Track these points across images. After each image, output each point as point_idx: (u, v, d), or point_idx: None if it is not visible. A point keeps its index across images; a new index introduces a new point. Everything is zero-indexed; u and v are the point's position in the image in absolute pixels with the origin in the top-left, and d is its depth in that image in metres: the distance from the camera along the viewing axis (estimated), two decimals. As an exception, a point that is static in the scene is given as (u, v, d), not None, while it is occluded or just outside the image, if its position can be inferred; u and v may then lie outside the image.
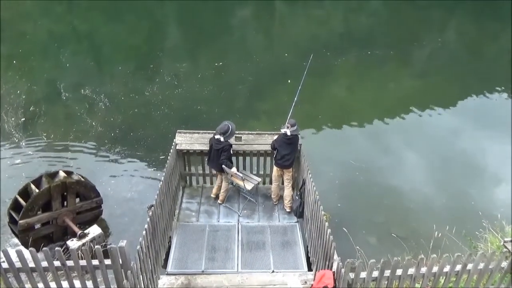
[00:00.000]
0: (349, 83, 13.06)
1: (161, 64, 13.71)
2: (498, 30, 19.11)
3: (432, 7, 23.39)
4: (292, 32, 18.65)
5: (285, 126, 6.47)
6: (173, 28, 19.02)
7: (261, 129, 9.04)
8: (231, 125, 6.51)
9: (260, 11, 22.68)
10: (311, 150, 8.08)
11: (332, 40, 17.04)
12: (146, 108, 10.80)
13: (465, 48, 16.88)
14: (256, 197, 7.24)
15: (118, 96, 11.43)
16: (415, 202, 8.00)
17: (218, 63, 13.49)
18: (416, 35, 17.75)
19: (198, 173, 7.49)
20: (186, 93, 11.59)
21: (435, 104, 11.54)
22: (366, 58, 14.37)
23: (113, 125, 10.08)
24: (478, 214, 6.95)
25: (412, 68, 14.49)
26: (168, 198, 6.18)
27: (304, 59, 13.01)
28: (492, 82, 13.03)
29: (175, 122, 9.94)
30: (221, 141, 6.43)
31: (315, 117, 10.50)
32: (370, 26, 20.19)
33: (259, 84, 12.27)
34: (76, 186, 6.62)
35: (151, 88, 11.80)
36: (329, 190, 7.89)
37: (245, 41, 17.24)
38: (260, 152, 7.13)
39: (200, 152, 7.09)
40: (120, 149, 9.21)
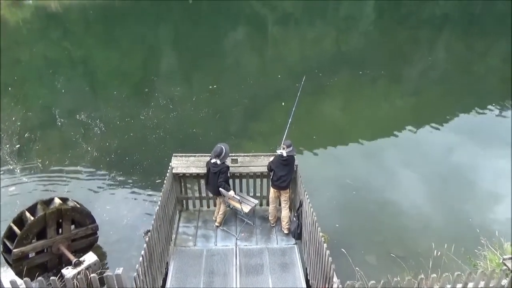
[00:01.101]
0: (342, 103, 13.22)
1: (156, 88, 13.82)
2: (485, 47, 19.57)
3: (420, 27, 23.98)
4: (284, 54, 18.97)
5: (280, 147, 6.50)
6: (167, 53, 19.26)
7: (257, 150, 9.05)
8: (224, 146, 6.54)
9: (253, 33, 23.13)
10: (307, 171, 8.09)
11: (324, 60, 17.32)
12: (141, 132, 10.82)
13: (454, 66, 17.20)
14: (253, 219, 7.20)
15: (113, 121, 11.46)
16: (413, 220, 7.98)
17: (212, 86, 13.64)
18: (406, 54, 18.12)
19: (195, 197, 7.45)
20: (181, 117, 11.65)
21: (428, 121, 11.67)
22: (358, 78, 14.61)
23: (109, 150, 10.07)
24: (476, 231, 6.94)
25: (404, 87, 14.72)
26: (164, 222, 6.13)
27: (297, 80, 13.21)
28: (482, 99, 13.25)
29: (171, 145, 9.96)
30: (218, 164, 6.44)
31: (310, 137, 10.56)
32: (361, 46, 20.62)
33: (254, 105, 12.39)
34: (71, 213, 6.54)
35: (146, 112, 11.86)
36: (326, 210, 7.85)
37: (239, 64, 17.48)
38: (257, 174, 7.13)
39: (196, 175, 7.08)
40: (115, 174, 9.18)
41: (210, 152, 6.62)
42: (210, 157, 6.59)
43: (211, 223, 7.14)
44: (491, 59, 18.20)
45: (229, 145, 6.69)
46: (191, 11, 29.80)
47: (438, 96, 13.75)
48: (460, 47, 19.98)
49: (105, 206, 8.10)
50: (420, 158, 10.06)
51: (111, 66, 16.71)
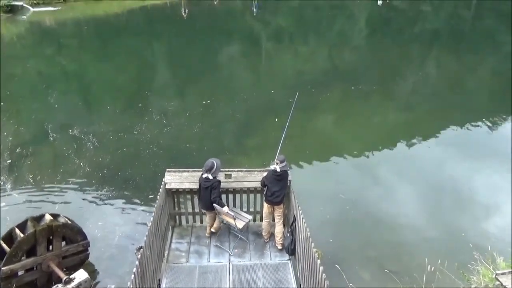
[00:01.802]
0: (335, 118, 13.32)
1: (149, 103, 13.84)
2: (475, 63, 19.93)
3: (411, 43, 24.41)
4: (278, 69, 19.16)
5: (274, 162, 6.50)
6: (162, 67, 19.35)
7: (251, 165, 9.06)
8: (216, 161, 6.54)
9: (247, 49, 23.36)
10: (301, 185, 8.09)
11: (317, 75, 17.52)
12: (134, 147, 10.79)
13: (445, 81, 17.46)
14: (247, 235, 7.15)
15: (106, 136, 11.42)
16: (406, 234, 7.99)
17: (206, 101, 13.69)
18: (398, 70, 18.40)
19: (188, 212, 7.40)
20: (175, 131, 11.65)
21: (420, 135, 11.80)
22: (350, 93, 14.78)
23: (101, 165, 10.00)
24: (469, 246, 6.96)
25: (396, 102, 14.88)
26: (157, 239, 6.07)
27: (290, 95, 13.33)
28: (473, 113, 13.43)
29: (164, 160, 9.93)
30: (209, 179, 6.43)
31: (303, 152, 10.59)
32: (353, 61, 20.90)
33: (247, 120, 12.44)
34: (62, 229, 6.46)
35: (139, 127, 11.85)
36: (320, 225, 7.84)
37: (233, 79, 17.59)
38: (250, 189, 7.11)
39: (189, 190, 7.05)
40: (108, 189, 9.10)
41: (203, 167, 6.61)
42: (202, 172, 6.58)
43: (204, 239, 7.08)
44: (480, 74, 18.52)
45: (222, 160, 6.70)
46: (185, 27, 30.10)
47: (429, 111, 13.92)
48: (450, 63, 20.34)
49: (97, 222, 8.01)
50: (412, 172, 10.12)
51: (105, 80, 16.74)
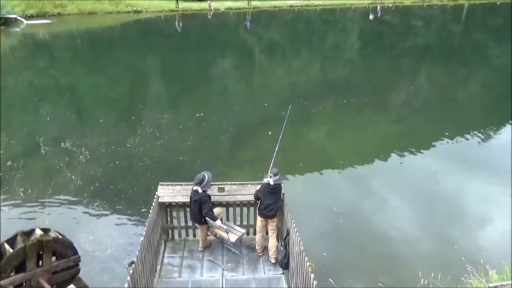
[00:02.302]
0: (328, 130, 13.40)
1: (143, 116, 13.83)
2: (466, 76, 20.28)
3: (403, 56, 24.81)
4: (271, 82, 19.32)
5: (267, 175, 6.50)
6: (155, 80, 19.41)
7: (244, 178, 9.04)
8: (207, 174, 6.51)
9: (240, 62, 23.56)
10: (294, 198, 8.09)
11: (309, 89, 17.69)
12: (127, 160, 10.73)
13: (436, 93, 17.71)
14: (240, 248, 7.10)
15: (99, 149, 11.36)
16: (399, 247, 7.98)
17: (199, 114, 13.72)
18: (389, 83, 18.64)
19: (181, 226, 7.33)
20: (168, 144, 11.62)
21: (412, 148, 11.88)
22: (343, 106, 14.91)
23: (93, 178, 9.92)
24: (461, 259, 6.97)
25: (388, 114, 15.02)
26: (149, 253, 6.00)
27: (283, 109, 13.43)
28: (464, 125, 13.60)
29: (157, 173, 9.87)
30: (199, 192, 6.39)
31: (296, 164, 10.61)
32: (345, 74, 21.15)
33: (241, 133, 12.46)
34: (53, 244, 6.36)
35: (132, 140, 11.81)
36: (313, 239, 7.81)
37: (226, 92, 17.69)
38: (244, 203, 7.09)
39: (182, 204, 7.00)
40: (99, 203, 9.01)
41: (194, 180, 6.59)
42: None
43: (197, 253, 7.01)
44: (471, 87, 18.82)
45: (216, 173, 6.69)
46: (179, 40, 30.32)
47: (421, 123, 14.07)
48: (441, 76, 20.66)
49: (88, 236, 7.90)
50: (405, 184, 10.17)
51: (98, 93, 16.74)
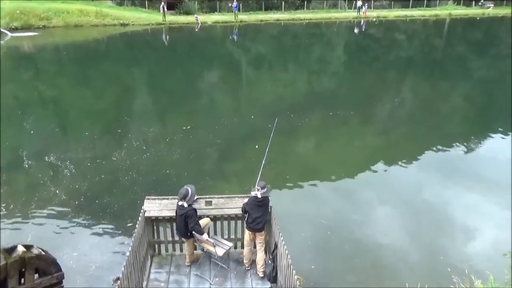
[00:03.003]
0: (315, 143, 13.50)
1: (129, 129, 13.73)
2: (448, 89, 20.74)
3: (387, 69, 25.28)
4: (258, 95, 19.45)
5: (255, 188, 6.50)
6: (142, 93, 19.35)
7: (231, 191, 9.02)
8: (190, 188, 6.49)
9: (227, 75, 23.69)
10: (281, 211, 8.09)
11: (296, 101, 17.85)
12: (113, 174, 10.60)
13: (420, 106, 18.05)
14: (228, 262, 7.04)
15: (84, 163, 11.21)
16: (387, 258, 8.01)
17: (186, 127, 13.69)
18: (374, 95, 18.93)
19: (168, 241, 7.25)
20: (155, 158, 11.54)
21: (398, 159, 12.04)
22: (329, 118, 15.07)
23: (78, 193, 9.76)
24: (447, 270, 7.03)
25: (373, 126, 15.23)
26: (135, 269, 5.91)
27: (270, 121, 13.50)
28: (447, 137, 13.85)
29: (144, 187, 9.78)
30: (184, 206, 6.36)
31: (283, 177, 10.63)
32: (331, 87, 21.44)
33: (228, 146, 12.46)
34: (35, 261, 6.20)
35: (118, 154, 11.70)
36: (301, 252, 7.80)
37: (213, 105, 17.73)
38: (231, 216, 7.06)
39: (169, 218, 6.93)
40: (84, 218, 8.85)
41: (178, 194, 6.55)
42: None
43: (184, 268, 6.93)
44: (453, 100, 19.24)
45: (203, 186, 6.67)
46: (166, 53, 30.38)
47: (406, 135, 14.30)
48: (425, 89, 21.10)
49: (72, 252, 7.74)
50: (392, 195, 10.26)
51: (83, 106, 16.57)
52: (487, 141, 13.58)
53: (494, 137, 13.78)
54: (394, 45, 35.78)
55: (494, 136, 13.85)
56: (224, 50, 33.05)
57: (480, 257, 7.81)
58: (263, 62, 28.13)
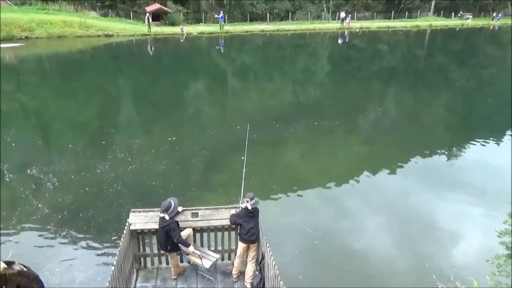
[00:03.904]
0: (300, 152, 13.56)
1: (113, 141, 13.58)
2: (430, 98, 21.16)
3: (371, 79, 25.69)
4: (243, 105, 19.50)
5: (244, 200, 6.49)
6: (126, 104, 19.21)
7: (218, 201, 8.99)
8: (173, 200, 6.43)
9: (213, 85, 23.72)
10: (268, 222, 8.09)
11: (281, 111, 17.97)
12: (97, 187, 10.44)
13: (403, 115, 18.37)
14: (215, 274, 6.97)
15: (67, 175, 11.02)
16: (374, 266, 8.05)
17: (172, 138, 13.62)
18: (358, 105, 19.19)
19: (153, 254, 7.15)
20: (140, 169, 11.42)
21: (383, 167, 12.18)
22: (314, 128, 15.19)
23: (61, 206, 9.57)
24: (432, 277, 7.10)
25: (358, 135, 15.41)
26: (120, 283, 5.80)
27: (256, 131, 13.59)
28: (430, 145, 14.10)
29: (129, 200, 9.66)
30: (165, 219, 6.30)
31: (269, 187, 10.64)
32: (316, 97, 21.65)
33: (214, 157, 12.42)
34: (17, 278, 6.03)
35: (103, 166, 11.54)
36: (289, 262, 7.79)
37: (199, 115, 17.70)
38: (218, 227, 7.01)
39: (155, 231, 6.84)
40: (67, 232, 8.67)
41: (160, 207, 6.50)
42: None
43: (170, 281, 6.83)
44: (435, 109, 19.62)
45: (189, 197, 6.64)
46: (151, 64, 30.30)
47: (390, 144, 14.50)
48: (407, 98, 21.50)
49: (55, 267, 7.56)
50: (378, 203, 10.35)
51: (67, 118, 16.34)
52: (468, 149, 13.87)
53: (475, 145, 14.09)
54: (377, 55, 36.44)
55: (475, 144, 14.16)
56: (209, 60, 33.15)
57: (465, 263, 7.92)
58: (248, 73, 28.30)
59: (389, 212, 9.93)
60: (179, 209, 6.69)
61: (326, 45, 43.62)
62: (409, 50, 41.41)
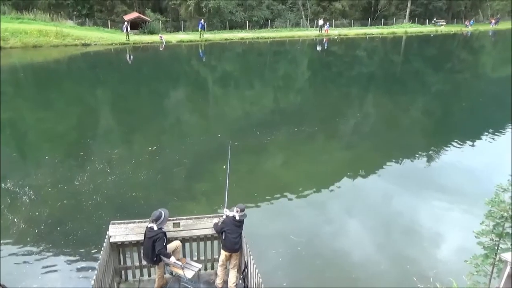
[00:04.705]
0: (282, 159, 13.62)
1: (92, 151, 13.33)
2: (407, 102, 21.64)
3: (350, 85, 26.09)
4: (224, 113, 19.48)
5: (234, 209, 6.48)
6: (105, 114, 18.91)
7: (200, 211, 8.92)
8: (164, 212, 6.38)
9: (193, 93, 23.63)
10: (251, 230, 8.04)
11: (262, 118, 18.04)
12: (76, 199, 10.20)
13: (382, 120, 18.69)
14: (198, 285, 6.89)
15: (44, 188, 10.74)
16: (357, 270, 8.10)
17: (152, 148, 13.46)
18: (338, 110, 19.44)
19: (135, 266, 7.01)
20: (120, 180, 11.23)
21: (364, 171, 12.34)
22: (295, 135, 15.30)
23: (38, 220, 9.31)
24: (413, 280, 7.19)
25: (338, 141, 15.59)
26: (100, 298, 5.67)
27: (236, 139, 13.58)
28: (409, 148, 14.39)
29: (109, 211, 9.47)
30: (154, 229, 6.22)
31: (252, 194, 10.61)
32: (296, 104, 21.83)
33: (195, 166, 12.34)
34: (-9, 296, 5.85)
35: (81, 177, 11.30)
36: (272, 269, 7.77)
37: (179, 124, 17.58)
38: (200, 237, 6.95)
39: (136, 242, 6.73)
40: (45, 246, 8.42)
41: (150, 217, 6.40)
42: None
43: (154, 293, 6.72)
44: (412, 113, 20.05)
45: (171, 207, 6.59)
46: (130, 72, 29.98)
47: (370, 148, 14.71)
48: (386, 103, 21.90)
49: (32, 284, 7.33)
50: (359, 207, 10.46)
51: (43, 129, 15.96)
52: (445, 152, 14.20)
53: (452, 148, 14.44)
54: (356, 61, 37.06)
55: (451, 147, 14.52)
56: (189, 68, 33.04)
57: (444, 264, 8.06)
58: (229, 80, 28.31)
59: (370, 215, 10.04)
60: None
61: (306, 52, 44.13)
62: (386, 56, 42.30)
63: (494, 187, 5.65)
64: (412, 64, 36.62)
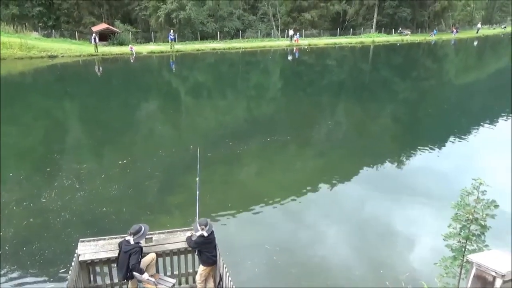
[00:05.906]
0: (255, 169, 13.61)
1: (59, 167, 12.89)
2: (377, 110, 22.19)
3: (321, 93, 26.53)
4: (196, 124, 19.36)
5: (199, 228, 6.33)
6: (73, 127, 18.41)
7: (174, 223, 8.78)
8: (144, 226, 6.28)
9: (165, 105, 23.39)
10: (225, 241, 7.99)
11: (234, 128, 18.05)
12: (43, 217, 9.80)
13: (353, 127, 19.07)
14: (172, 301, 6.73)
15: (8, 206, 10.26)
16: (331, 277, 8.14)
17: (122, 161, 13.16)
18: (310, 119, 19.68)
19: (106, 284, 6.78)
20: (90, 196, 10.89)
21: (337, 178, 12.49)
22: (267, 144, 15.36)
23: (3, 241, 8.84)
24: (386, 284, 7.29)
25: (310, 149, 15.75)
26: (69, 320, 5.43)
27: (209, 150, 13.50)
28: (380, 155, 14.71)
29: (79, 228, 9.15)
30: (130, 243, 6.06)
31: (226, 205, 10.52)
32: (268, 113, 21.97)
33: (167, 178, 12.15)
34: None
35: (48, 194, 10.89)
36: (248, 280, 7.69)
37: (151, 136, 17.31)
38: (174, 251, 6.81)
39: (107, 260, 6.51)
40: (9, 268, 8.01)
41: (124, 231, 6.24)
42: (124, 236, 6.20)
43: (127, 313, 6.50)
44: (382, 120, 20.57)
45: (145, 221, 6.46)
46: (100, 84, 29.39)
47: (342, 155, 14.96)
48: (356, 111, 22.38)
49: (-5, 309, 6.97)
50: (334, 214, 10.55)
51: (6, 144, 15.30)
52: (414, 157, 14.62)
53: (420, 153, 14.88)
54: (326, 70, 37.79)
55: (420, 151, 14.95)
56: (161, 79, 32.72)
57: (416, 267, 8.22)
58: (201, 90, 28.21)
59: (344, 222, 10.16)
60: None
61: (277, 61, 44.63)
62: (355, 64, 43.35)
63: (460, 190, 5.83)
64: (380, 72, 37.68)
